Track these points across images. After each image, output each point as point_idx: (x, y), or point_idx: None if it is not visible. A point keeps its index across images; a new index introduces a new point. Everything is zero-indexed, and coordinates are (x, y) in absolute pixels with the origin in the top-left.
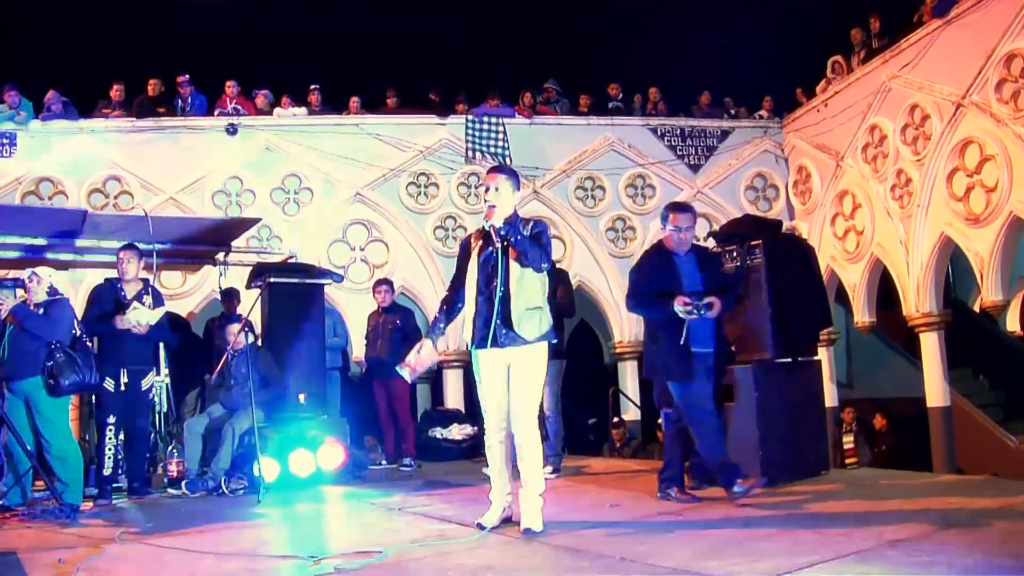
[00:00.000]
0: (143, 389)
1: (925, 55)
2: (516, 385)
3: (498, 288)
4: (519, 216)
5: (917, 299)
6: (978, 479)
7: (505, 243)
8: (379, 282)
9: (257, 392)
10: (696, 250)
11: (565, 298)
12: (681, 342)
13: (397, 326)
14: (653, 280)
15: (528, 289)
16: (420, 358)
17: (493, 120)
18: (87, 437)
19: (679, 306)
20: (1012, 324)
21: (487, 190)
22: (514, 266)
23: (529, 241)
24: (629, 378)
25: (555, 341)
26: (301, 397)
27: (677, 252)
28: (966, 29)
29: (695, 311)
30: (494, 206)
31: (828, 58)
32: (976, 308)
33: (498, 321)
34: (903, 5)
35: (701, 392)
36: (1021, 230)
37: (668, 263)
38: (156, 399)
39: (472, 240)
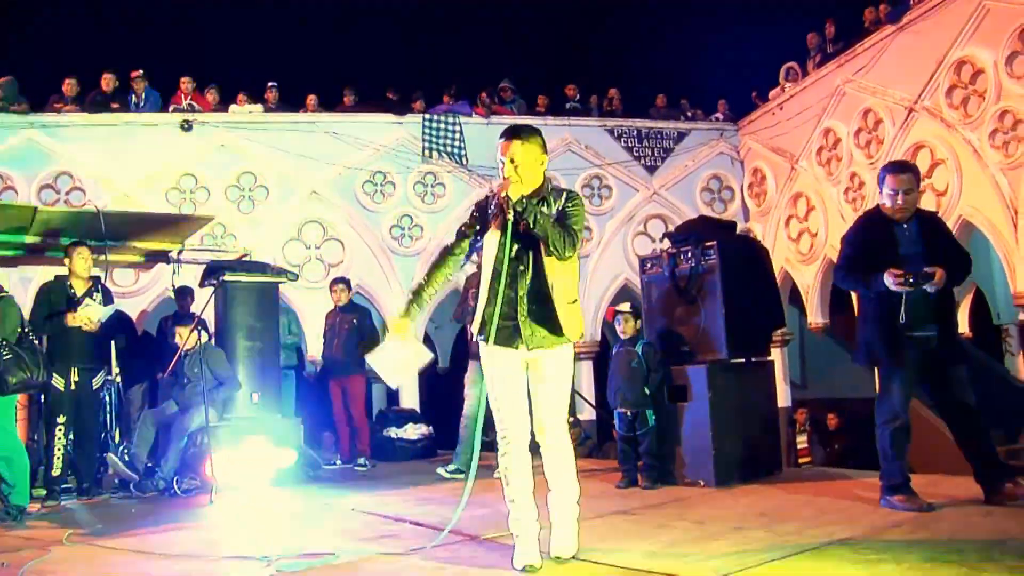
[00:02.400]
0: (94, 388)
1: (879, 60)
2: (550, 387)
3: (528, 278)
4: (553, 184)
5: None
6: (927, 477)
7: (522, 223)
8: (335, 280)
9: (210, 391)
10: (920, 216)
11: None
12: (902, 321)
13: (354, 325)
14: (867, 251)
15: (566, 281)
16: (403, 358)
17: (450, 119)
18: (35, 437)
19: (889, 279)
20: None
21: (503, 166)
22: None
23: (552, 222)
24: (584, 378)
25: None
26: (255, 396)
27: (896, 219)
28: (918, 36)
29: (910, 283)
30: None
31: (784, 62)
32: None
33: (527, 318)
34: (859, 11)
35: (916, 387)
36: (971, 233)
37: (885, 231)
38: (107, 398)
39: (492, 207)
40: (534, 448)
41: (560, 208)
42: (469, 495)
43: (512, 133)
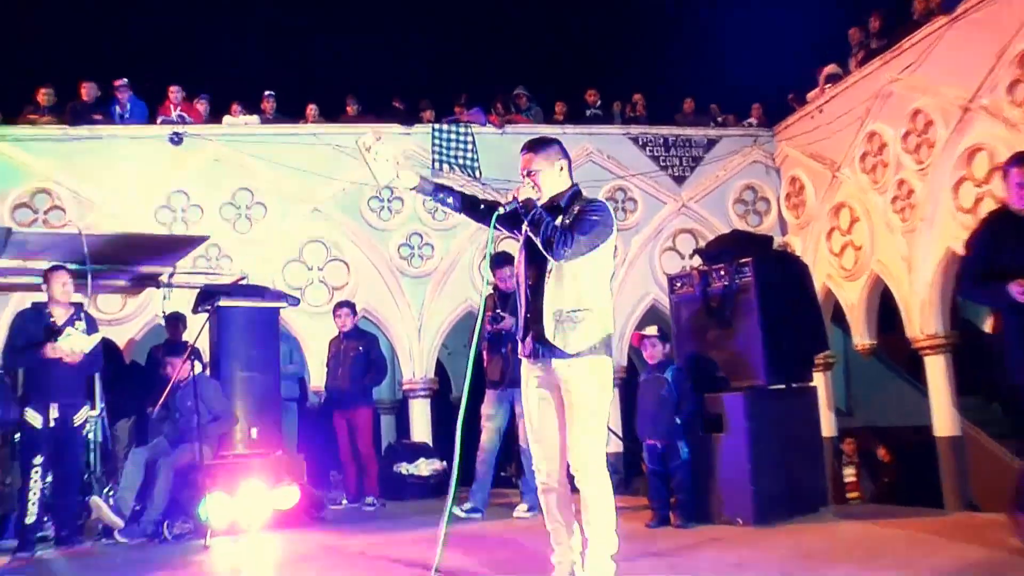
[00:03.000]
0: (75, 425)
1: (929, 56)
2: (571, 412)
3: (535, 281)
4: (576, 191)
5: (922, 320)
6: (994, 518)
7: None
8: (339, 305)
9: (204, 426)
10: None
11: None
12: None
13: (360, 352)
14: (990, 254)
15: (568, 285)
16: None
17: (462, 129)
18: (8, 481)
19: (1015, 288)
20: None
21: (524, 179)
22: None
23: (546, 217)
24: (611, 406)
25: (611, 356)
26: (253, 431)
27: None
28: (975, 27)
29: None
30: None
31: (823, 60)
32: (988, 328)
33: (531, 327)
34: (906, 2)
35: None
36: None
37: (1013, 231)
38: (90, 436)
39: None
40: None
41: (576, 211)
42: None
43: (526, 146)
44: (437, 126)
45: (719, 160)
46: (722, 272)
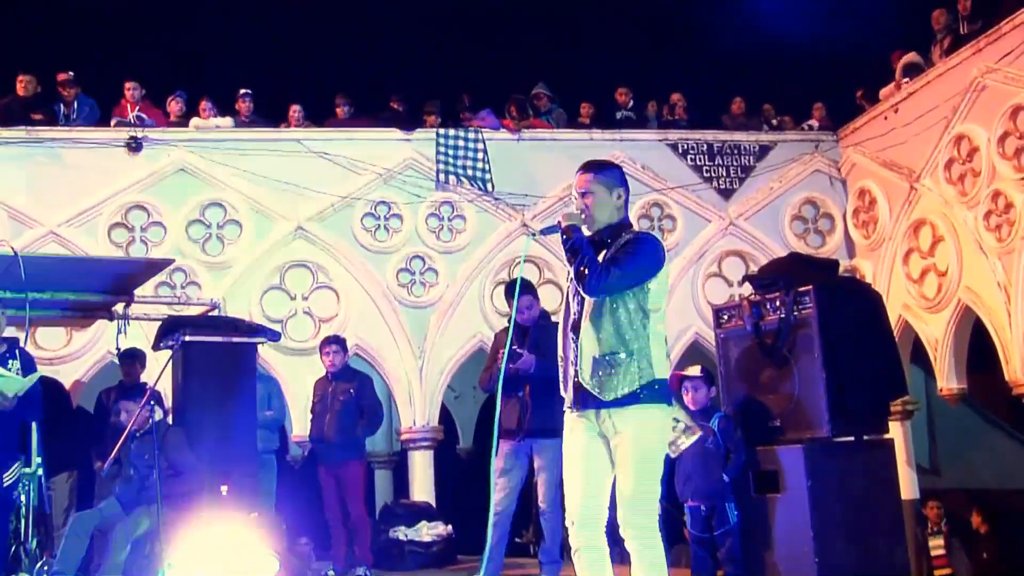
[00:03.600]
0: (4, 486)
1: None
2: (618, 467)
3: (576, 319)
4: (626, 223)
5: (1023, 359)
6: None
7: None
8: (327, 340)
9: (164, 484)
10: None
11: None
12: None
13: (351, 396)
14: None
15: (606, 325)
16: None
17: (471, 135)
18: None
19: None
20: None
21: (576, 200)
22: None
23: (585, 247)
24: None
25: (666, 403)
26: (223, 489)
27: None
28: None
29: None
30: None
31: (900, 49)
32: None
33: (572, 371)
34: None
35: None
36: None
37: None
38: (22, 498)
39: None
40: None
41: (621, 243)
42: None
43: (585, 165)
44: (443, 131)
45: (774, 170)
46: (777, 303)
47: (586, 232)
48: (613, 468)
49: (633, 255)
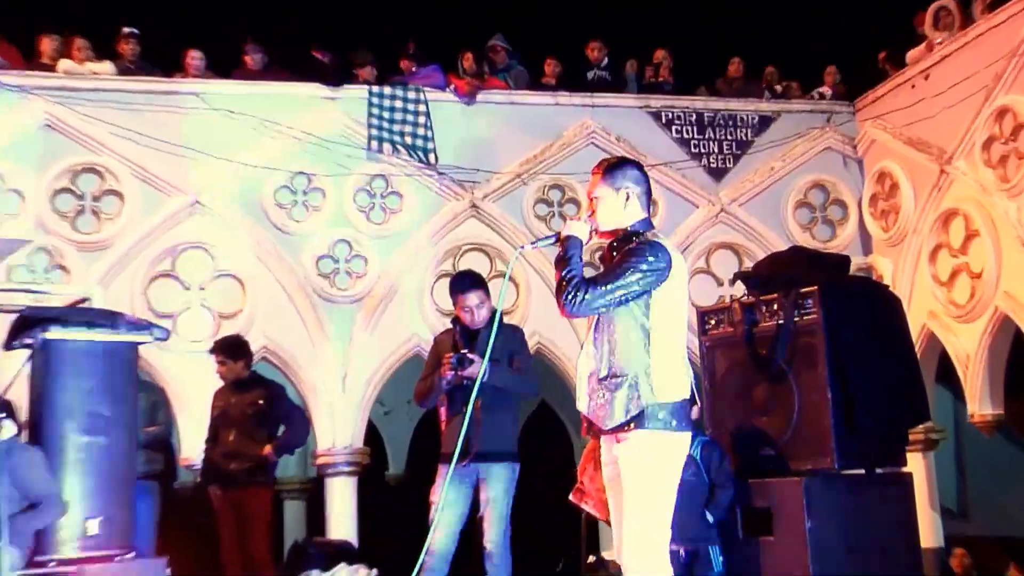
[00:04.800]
0: None
1: None
2: (624, 498)
3: (585, 338)
4: (636, 230)
5: None
6: None
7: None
8: (213, 350)
9: (14, 519)
10: None
11: (524, 369)
12: None
13: (259, 409)
14: None
15: (603, 346)
16: None
17: (411, 95)
18: None
19: None
20: None
21: (589, 203)
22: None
23: (573, 259)
24: None
25: (671, 430)
26: (92, 524)
27: None
28: None
29: None
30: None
31: (928, 6)
32: None
33: (583, 393)
34: None
35: None
36: None
37: None
38: None
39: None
40: None
41: (624, 248)
42: None
43: (596, 165)
44: (376, 89)
45: (776, 146)
46: (775, 306)
47: (598, 239)
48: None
49: (620, 270)
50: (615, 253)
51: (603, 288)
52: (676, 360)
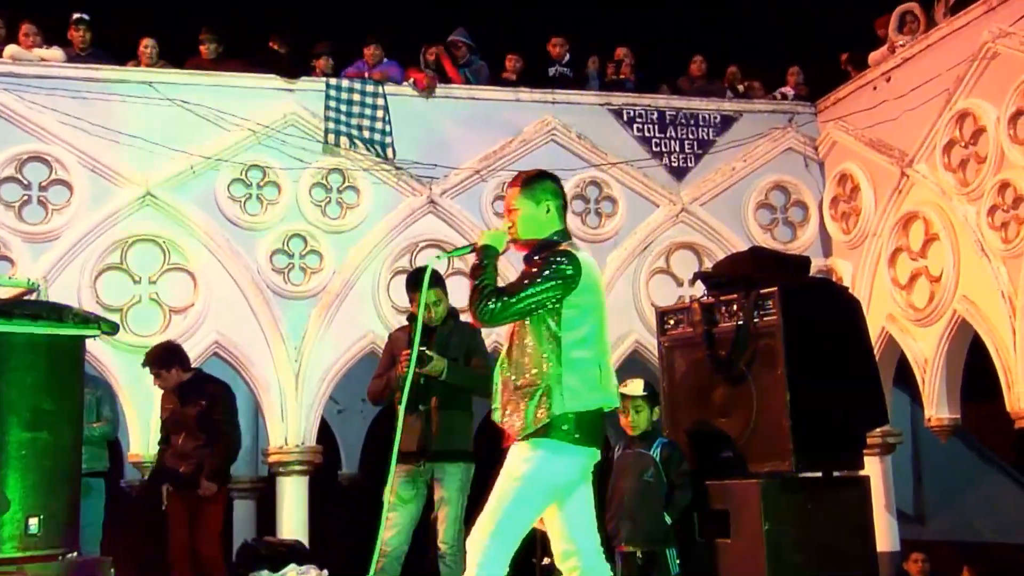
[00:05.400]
0: None
1: None
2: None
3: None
4: (553, 241)
5: None
6: None
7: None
8: (155, 357)
9: None
10: None
11: (482, 368)
12: None
13: (202, 410)
14: None
15: (516, 356)
16: None
17: (369, 88)
18: None
19: None
20: None
21: (508, 215)
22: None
23: (487, 270)
24: None
25: (574, 443)
26: (33, 522)
27: None
28: None
29: None
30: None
31: (889, 7)
32: None
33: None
34: None
35: None
36: None
37: None
38: None
39: None
40: None
41: (531, 260)
42: None
43: (513, 179)
44: (333, 81)
45: (737, 146)
46: (735, 306)
47: (516, 251)
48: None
49: (529, 279)
50: (530, 264)
51: (513, 298)
52: (589, 371)
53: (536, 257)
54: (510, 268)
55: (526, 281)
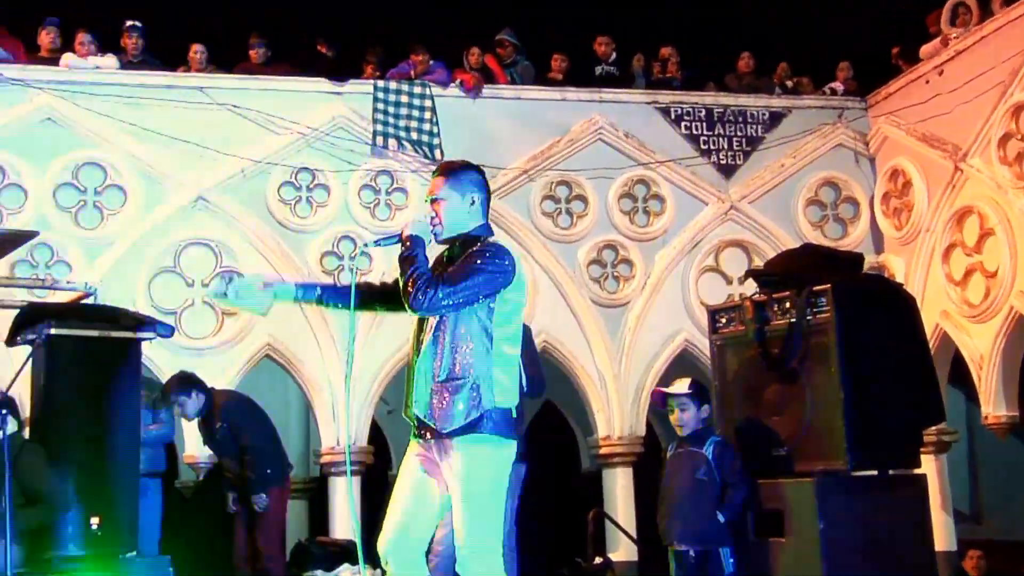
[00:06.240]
0: None
1: None
2: (453, 504)
3: (415, 340)
4: (477, 235)
5: None
6: None
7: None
8: (174, 389)
9: (16, 516)
10: None
11: (530, 369)
12: None
13: (224, 431)
14: None
15: (446, 347)
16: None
17: (416, 90)
18: None
19: None
20: None
21: (428, 207)
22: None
23: (419, 258)
24: (620, 494)
25: (506, 437)
26: (94, 522)
27: None
28: None
29: None
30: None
31: (942, 2)
32: None
33: (411, 399)
34: None
35: None
36: None
37: None
38: None
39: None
40: None
41: (464, 254)
42: None
43: (437, 169)
44: (381, 83)
45: (786, 143)
46: (787, 304)
47: (437, 243)
48: (441, 502)
49: (468, 270)
50: (456, 256)
51: (453, 287)
52: (512, 367)
53: (467, 250)
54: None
55: (466, 271)
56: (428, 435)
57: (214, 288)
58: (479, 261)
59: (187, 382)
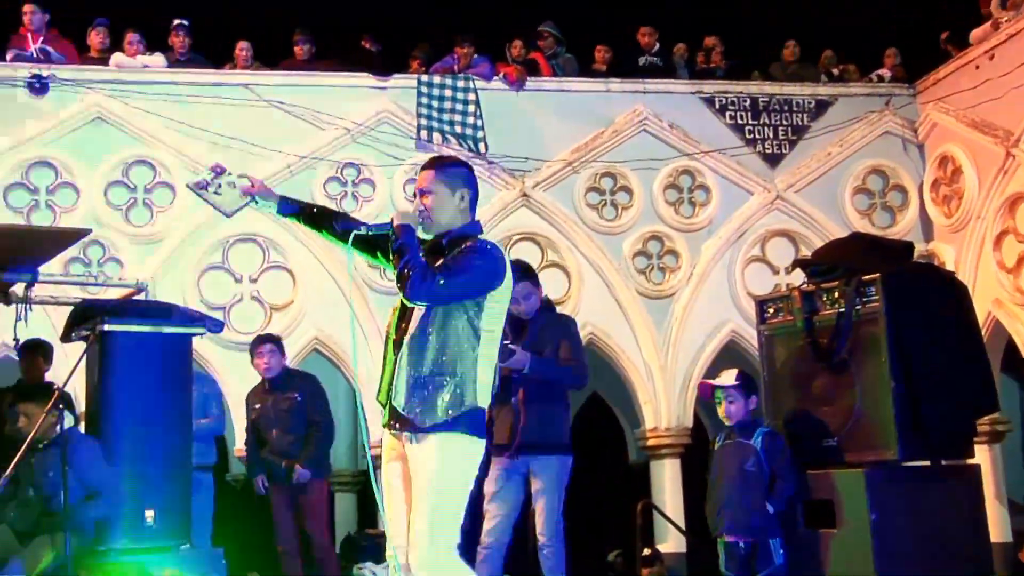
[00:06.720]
0: None
1: None
2: (413, 497)
3: (398, 335)
4: (468, 232)
5: None
6: None
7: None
8: (260, 340)
9: (74, 509)
10: None
11: (571, 360)
12: None
13: (297, 404)
14: None
15: (431, 342)
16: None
17: (460, 84)
18: None
19: None
20: None
21: (417, 200)
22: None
23: (414, 249)
24: (668, 485)
25: (480, 437)
26: (149, 515)
27: None
28: None
29: None
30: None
31: None
32: None
33: (391, 391)
34: None
35: None
36: None
37: None
38: None
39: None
40: None
41: (456, 251)
42: None
43: (427, 163)
44: (425, 78)
45: (833, 131)
46: (836, 294)
47: (423, 236)
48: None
49: (464, 266)
50: (442, 251)
51: (453, 281)
52: (491, 367)
53: (458, 245)
54: None
55: (463, 264)
56: (401, 426)
57: (200, 177)
58: (475, 257)
59: (276, 342)
